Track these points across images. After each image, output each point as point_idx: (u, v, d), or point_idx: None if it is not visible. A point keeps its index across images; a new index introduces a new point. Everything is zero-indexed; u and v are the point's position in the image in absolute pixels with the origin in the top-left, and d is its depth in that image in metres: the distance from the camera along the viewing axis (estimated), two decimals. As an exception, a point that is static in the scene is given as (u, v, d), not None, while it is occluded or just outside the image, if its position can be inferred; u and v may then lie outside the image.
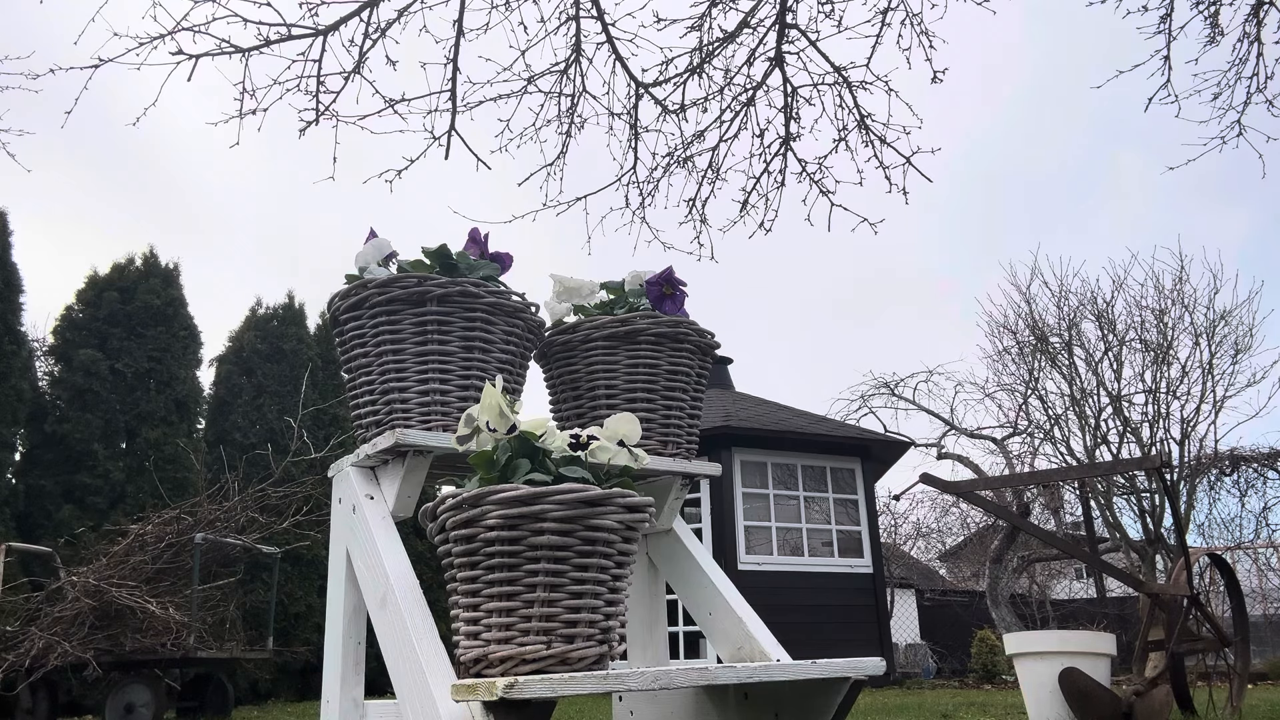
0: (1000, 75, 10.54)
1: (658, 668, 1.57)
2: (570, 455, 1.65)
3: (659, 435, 2.23)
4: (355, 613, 1.98)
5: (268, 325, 10.17)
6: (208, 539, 5.98)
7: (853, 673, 1.82)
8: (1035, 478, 8.36)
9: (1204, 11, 4.12)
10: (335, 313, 2.08)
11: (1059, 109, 21.94)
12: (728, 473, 9.15)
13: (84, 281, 9.29)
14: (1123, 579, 3.80)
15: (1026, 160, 23.64)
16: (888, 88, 4.19)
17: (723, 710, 2.03)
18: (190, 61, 3.53)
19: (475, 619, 1.57)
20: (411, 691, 1.62)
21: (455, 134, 4.15)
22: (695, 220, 4.84)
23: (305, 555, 8.28)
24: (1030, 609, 12.62)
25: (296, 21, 3.72)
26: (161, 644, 5.46)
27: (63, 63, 3.44)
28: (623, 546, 1.61)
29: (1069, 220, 26.59)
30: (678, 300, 2.29)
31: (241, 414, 9.62)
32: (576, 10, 4.32)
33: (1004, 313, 13.17)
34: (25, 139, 4.24)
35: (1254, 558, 12.34)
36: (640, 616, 2.38)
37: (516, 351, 2.11)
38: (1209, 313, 11.59)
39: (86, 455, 8.53)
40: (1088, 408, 11.98)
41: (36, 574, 6.74)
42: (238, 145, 3.71)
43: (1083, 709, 3.29)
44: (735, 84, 4.60)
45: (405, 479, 1.93)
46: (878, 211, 4.68)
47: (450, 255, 2.07)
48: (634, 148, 4.74)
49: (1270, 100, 4.17)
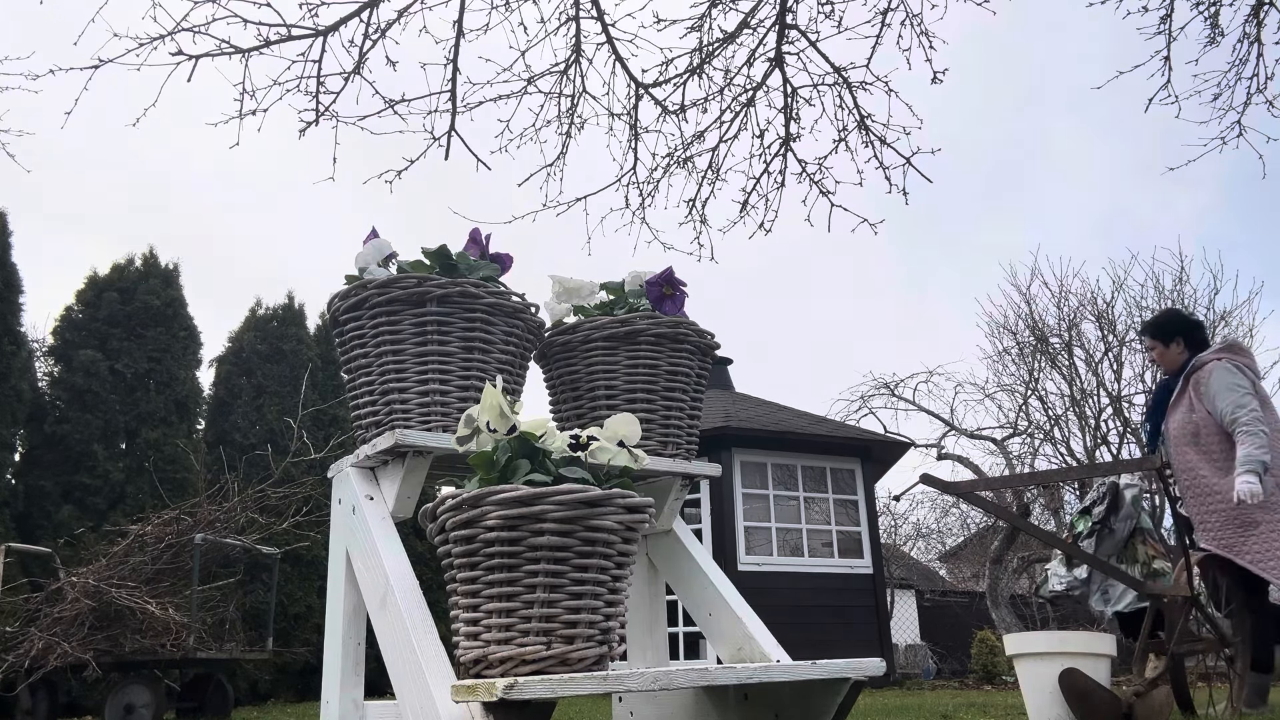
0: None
1: (657, 668, 1.57)
2: (570, 456, 1.65)
3: (659, 436, 2.23)
4: (355, 613, 1.98)
5: (267, 326, 10.17)
6: (207, 539, 5.98)
7: (853, 673, 1.82)
8: (1035, 478, 8.36)
9: (1204, 12, 4.12)
10: (335, 313, 2.08)
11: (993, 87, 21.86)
12: (727, 473, 9.15)
13: (84, 282, 9.28)
14: (1123, 579, 3.79)
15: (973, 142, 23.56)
16: (888, 88, 4.19)
17: (723, 711, 2.03)
18: (190, 62, 3.53)
19: (475, 619, 1.57)
20: (411, 692, 1.62)
21: (455, 134, 4.16)
22: (695, 221, 4.84)
23: (305, 556, 8.27)
24: (1030, 610, 12.62)
25: (296, 22, 3.72)
26: (161, 645, 5.46)
27: (63, 63, 3.44)
28: (623, 547, 1.61)
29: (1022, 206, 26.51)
30: (678, 301, 2.29)
31: (241, 414, 9.62)
32: (576, 10, 4.32)
33: (1004, 313, 13.18)
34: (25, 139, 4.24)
35: (1254, 558, 12.32)
36: (640, 617, 2.38)
37: (516, 352, 2.11)
38: (1209, 313, 11.60)
39: (86, 456, 8.52)
40: (1088, 408, 11.98)
41: (36, 575, 6.73)
42: (237, 145, 3.72)
43: (1083, 710, 3.28)
44: (735, 85, 4.60)
45: (405, 479, 1.93)
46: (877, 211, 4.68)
47: (450, 256, 2.07)
48: (634, 148, 4.75)
49: (1270, 100, 4.18)
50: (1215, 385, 3.55)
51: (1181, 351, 3.77)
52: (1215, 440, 3.55)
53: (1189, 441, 3.58)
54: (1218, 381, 3.56)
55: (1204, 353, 3.72)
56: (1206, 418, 3.56)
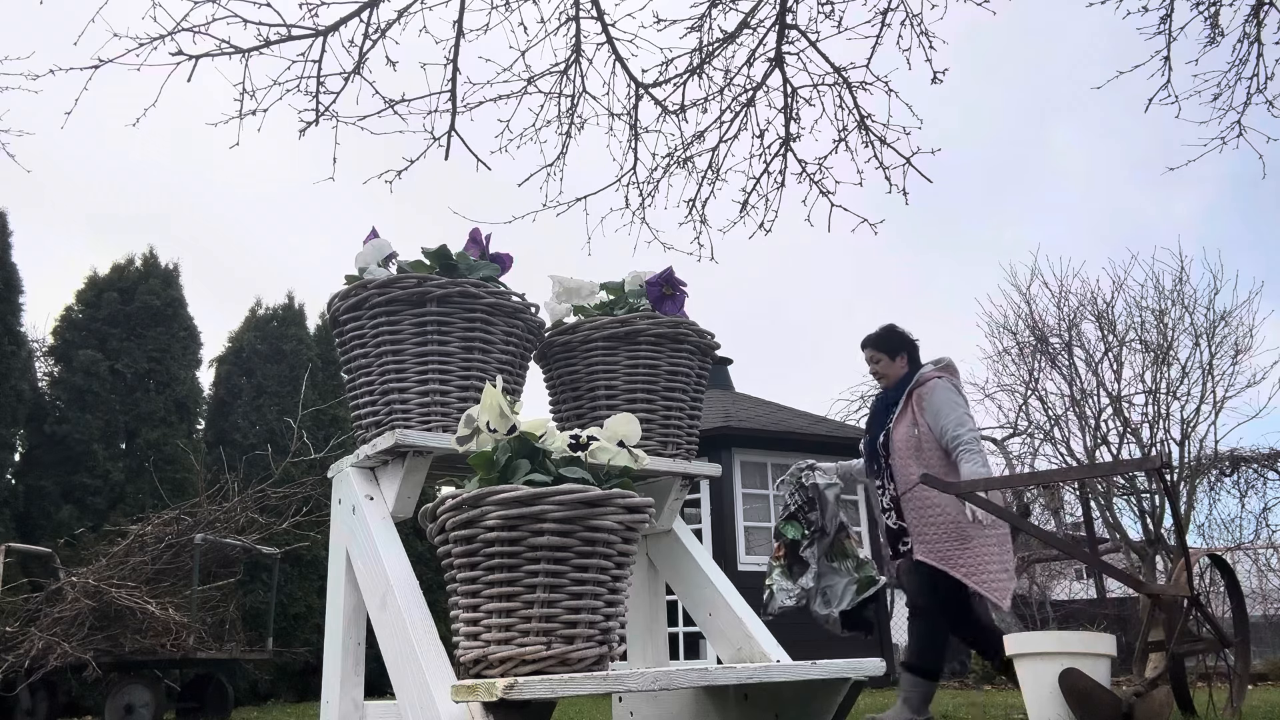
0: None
1: (658, 668, 1.57)
2: (570, 456, 1.65)
3: (659, 436, 2.23)
4: (355, 613, 1.98)
5: (267, 326, 10.17)
6: (207, 539, 5.97)
7: (852, 673, 1.82)
8: (1035, 478, 8.35)
9: (1204, 12, 4.12)
10: (335, 313, 2.08)
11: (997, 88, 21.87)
12: (728, 473, 9.14)
13: (84, 282, 9.28)
14: (1123, 579, 3.80)
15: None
16: (888, 88, 4.19)
17: (723, 711, 2.03)
18: (190, 62, 3.53)
19: (475, 620, 1.57)
20: (411, 692, 1.62)
21: (455, 134, 4.15)
22: (695, 220, 4.84)
23: (305, 556, 8.26)
24: (1030, 609, 12.61)
25: (296, 22, 3.72)
26: (161, 645, 5.45)
27: (63, 63, 3.44)
28: (623, 547, 1.61)
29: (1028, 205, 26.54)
30: (678, 301, 2.29)
31: (241, 414, 9.62)
32: (576, 11, 4.32)
33: (1004, 313, 13.17)
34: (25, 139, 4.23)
35: (1254, 558, 12.33)
36: (640, 617, 2.38)
37: (516, 352, 2.11)
38: (1209, 313, 11.59)
39: (86, 456, 8.52)
40: (1088, 408, 11.98)
41: (36, 575, 6.73)
42: (237, 145, 3.72)
43: (1082, 710, 3.28)
44: (735, 85, 4.60)
45: (405, 479, 1.93)
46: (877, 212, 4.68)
47: (450, 256, 2.07)
48: (634, 148, 4.74)
49: (1270, 100, 4.17)
50: (939, 402, 3.62)
51: (904, 366, 3.84)
52: (935, 456, 3.62)
53: (911, 455, 3.64)
54: (941, 399, 3.62)
55: (925, 369, 3.79)
56: (928, 432, 3.63)
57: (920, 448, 3.63)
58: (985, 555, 3.52)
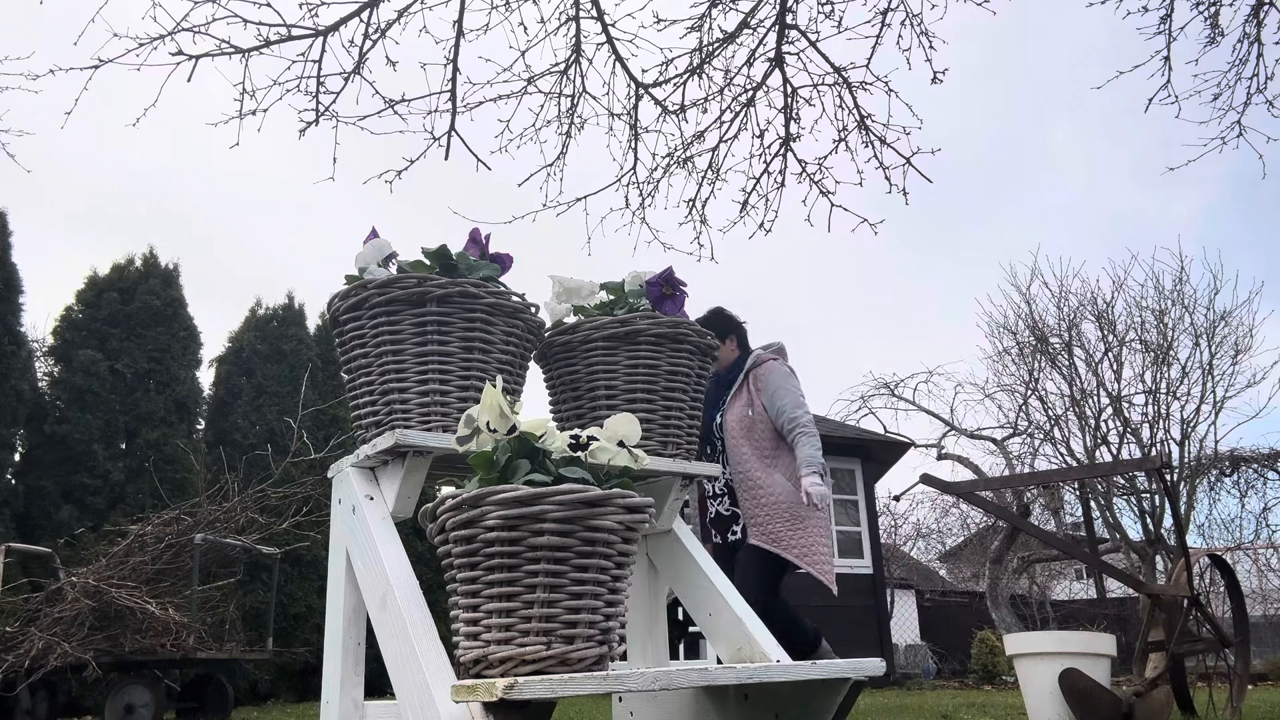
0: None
1: (658, 668, 1.57)
2: (570, 456, 1.65)
3: (659, 436, 2.23)
4: (355, 613, 1.98)
5: (267, 326, 10.17)
6: (207, 540, 5.98)
7: (852, 673, 1.82)
8: (1035, 478, 8.35)
9: (1204, 12, 4.12)
10: (335, 313, 2.08)
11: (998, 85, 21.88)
12: (728, 473, 9.13)
13: (84, 282, 9.29)
14: (1123, 580, 3.80)
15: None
16: (888, 88, 4.19)
17: (723, 711, 2.03)
18: (190, 62, 3.53)
19: (475, 620, 1.57)
20: (411, 692, 1.62)
21: (455, 134, 4.15)
22: (695, 220, 4.83)
23: (305, 556, 8.27)
24: (1030, 610, 12.61)
25: (296, 22, 3.72)
26: (161, 645, 5.46)
27: (63, 63, 3.44)
28: (623, 547, 1.61)
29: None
30: (678, 301, 2.29)
31: (241, 414, 9.62)
32: (576, 11, 4.32)
33: (1004, 313, 13.17)
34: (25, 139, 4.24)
35: (1254, 558, 12.34)
36: (640, 617, 2.38)
37: (516, 352, 2.11)
38: (1209, 313, 11.60)
39: (86, 456, 8.52)
40: (1088, 408, 11.98)
41: (36, 575, 6.73)
42: (237, 145, 3.72)
43: (1083, 710, 3.29)
44: (735, 85, 4.60)
45: (405, 479, 1.93)
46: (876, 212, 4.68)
47: (450, 256, 2.07)
48: (634, 148, 4.74)
49: (1270, 100, 4.17)
50: (775, 384, 3.63)
51: (734, 349, 3.84)
52: (767, 437, 3.62)
53: (744, 435, 3.63)
54: (778, 381, 3.64)
55: (760, 351, 3.80)
56: (762, 413, 3.63)
57: (753, 428, 3.62)
58: (816, 538, 3.50)
